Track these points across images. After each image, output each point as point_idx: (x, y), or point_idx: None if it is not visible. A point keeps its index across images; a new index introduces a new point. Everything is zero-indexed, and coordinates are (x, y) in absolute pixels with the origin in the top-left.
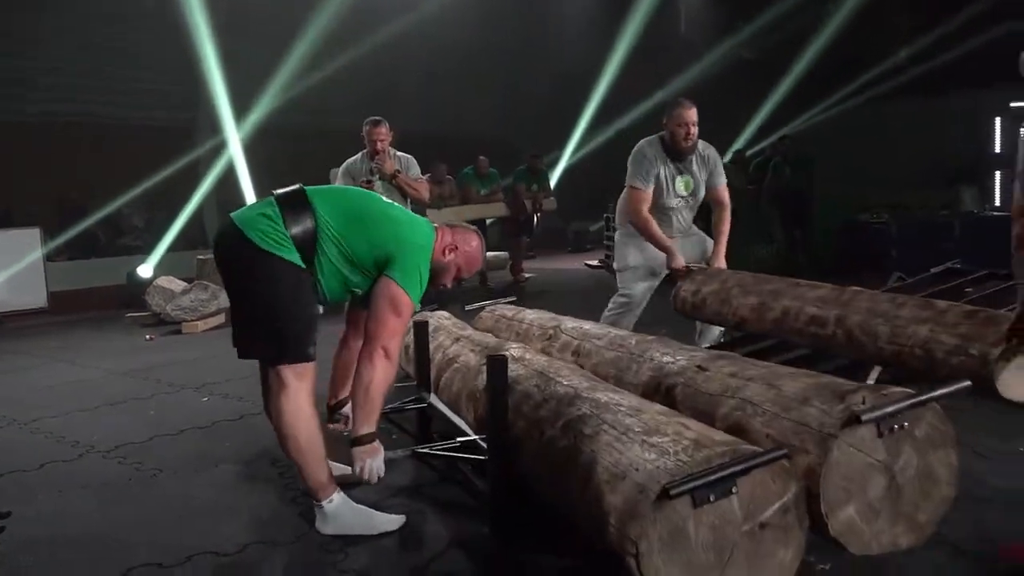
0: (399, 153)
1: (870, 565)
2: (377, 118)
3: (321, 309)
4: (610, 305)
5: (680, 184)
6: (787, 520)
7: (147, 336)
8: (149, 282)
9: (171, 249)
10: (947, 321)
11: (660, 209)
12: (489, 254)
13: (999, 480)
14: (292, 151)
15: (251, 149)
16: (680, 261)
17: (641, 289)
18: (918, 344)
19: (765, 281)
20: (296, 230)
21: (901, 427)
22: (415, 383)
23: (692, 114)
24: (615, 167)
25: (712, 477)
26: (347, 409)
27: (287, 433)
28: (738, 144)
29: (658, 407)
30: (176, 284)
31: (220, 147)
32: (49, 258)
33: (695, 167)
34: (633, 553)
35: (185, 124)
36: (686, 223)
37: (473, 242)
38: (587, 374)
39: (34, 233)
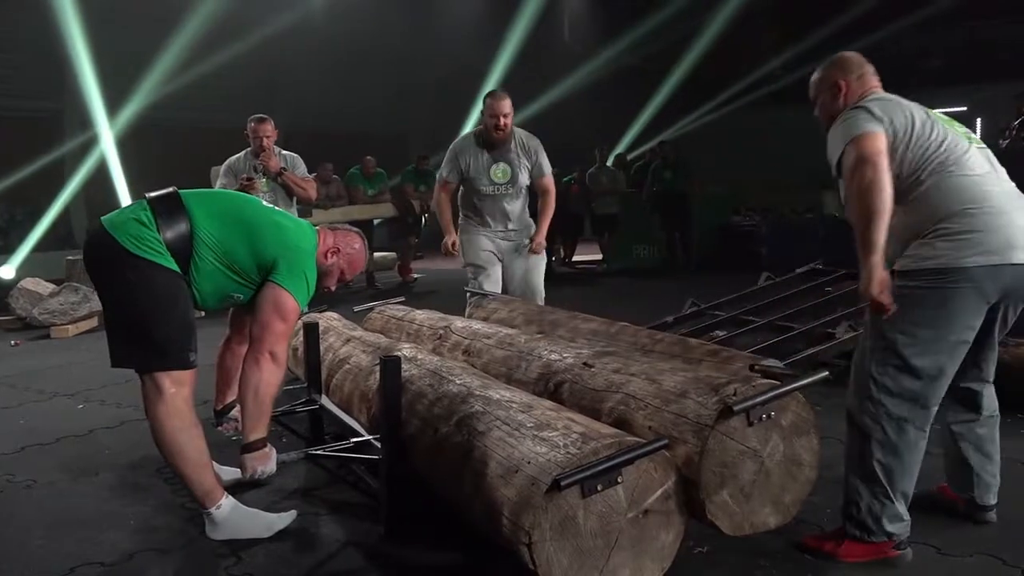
0: (284, 152)
1: (744, 545)
2: (262, 115)
3: (202, 314)
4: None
5: (496, 171)
6: (668, 506)
7: (12, 342)
8: (12, 284)
9: (36, 249)
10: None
11: (478, 196)
12: (377, 255)
13: None
14: (170, 148)
15: (125, 145)
16: (447, 241)
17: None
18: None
19: (549, 312)
20: (170, 235)
21: (768, 416)
22: (305, 385)
23: (503, 105)
24: None
25: (599, 468)
26: (236, 411)
27: (166, 441)
28: (619, 148)
29: (548, 403)
30: (43, 286)
31: (90, 142)
32: None
33: (513, 155)
34: (526, 542)
35: (51, 115)
36: (513, 210)
37: (356, 244)
38: (479, 373)
39: None
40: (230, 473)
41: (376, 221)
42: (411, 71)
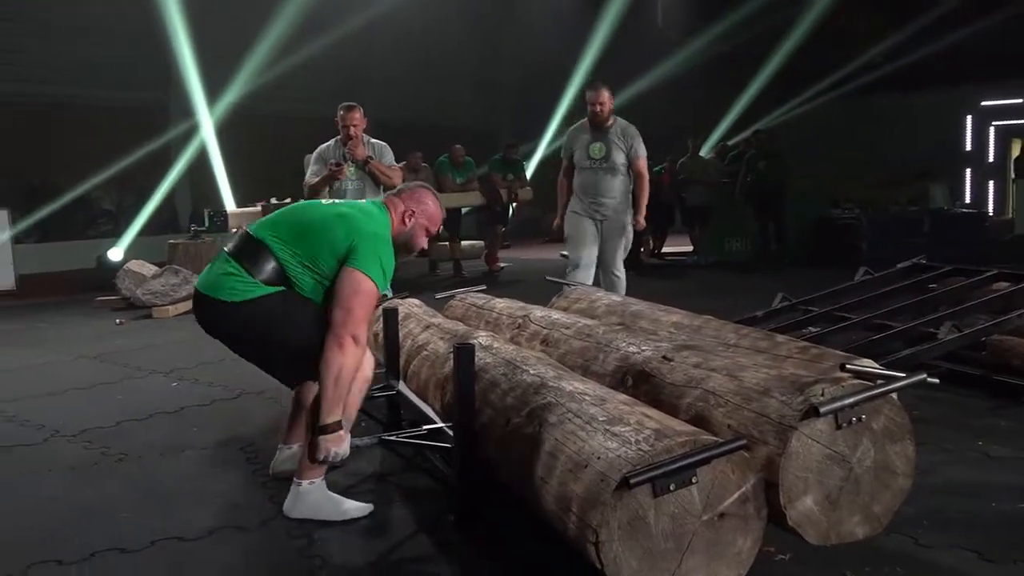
0: (373, 140)
1: (828, 555)
2: (351, 103)
3: None
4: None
5: (594, 148)
6: (746, 510)
7: (117, 320)
8: (119, 266)
9: (142, 233)
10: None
11: (579, 171)
12: (464, 243)
13: (954, 473)
14: (265, 137)
15: (224, 133)
16: (555, 223)
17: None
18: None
19: (632, 303)
20: (263, 276)
21: (859, 419)
22: (384, 370)
23: (599, 95)
24: None
25: (672, 466)
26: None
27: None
28: (714, 137)
29: (622, 397)
30: (147, 268)
31: (192, 130)
32: (17, 240)
33: (612, 137)
34: (593, 541)
35: (157, 105)
36: (608, 187)
37: (427, 199)
38: (555, 364)
39: (1, 215)
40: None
41: (464, 210)
42: (498, 62)
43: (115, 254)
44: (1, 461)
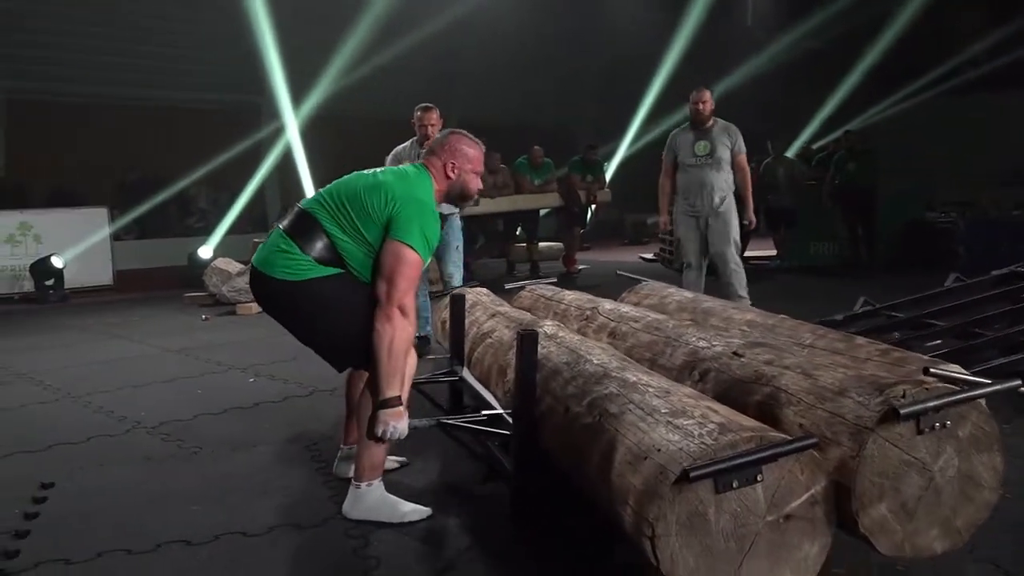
0: None
1: (891, 571)
2: (428, 104)
3: None
4: None
5: (698, 146)
6: (815, 513)
7: (203, 316)
8: (208, 263)
9: (232, 231)
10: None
11: (683, 170)
12: (542, 244)
13: None
14: (348, 138)
15: (308, 135)
16: (661, 222)
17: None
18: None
19: (704, 300)
20: (315, 253)
21: (943, 425)
22: (449, 356)
23: (701, 95)
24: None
25: (736, 462)
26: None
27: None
28: (803, 138)
29: (687, 390)
30: (233, 266)
31: (279, 131)
32: (116, 237)
33: (715, 135)
34: (649, 535)
35: (251, 108)
36: (713, 182)
37: (461, 144)
38: (620, 355)
39: (102, 212)
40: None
41: (542, 211)
42: (581, 63)
43: (205, 252)
44: (83, 451)
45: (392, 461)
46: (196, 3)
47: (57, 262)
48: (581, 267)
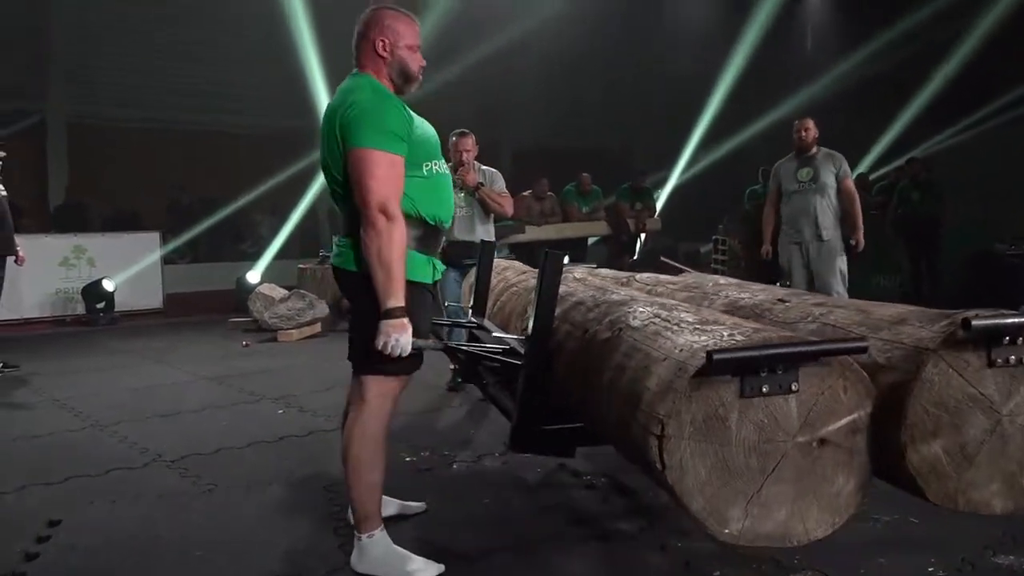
0: (484, 167)
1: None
2: (464, 130)
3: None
4: None
5: (801, 173)
6: (854, 442)
7: (243, 343)
8: (254, 288)
9: (280, 256)
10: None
11: (787, 196)
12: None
13: None
14: None
15: None
16: (764, 251)
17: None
18: None
19: (749, 283)
20: (345, 230)
21: (1019, 361)
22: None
23: (804, 123)
24: (729, 185)
25: (769, 352)
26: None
27: (351, 449)
28: (862, 167)
29: (720, 314)
30: (277, 292)
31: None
32: (169, 261)
33: (818, 162)
34: (657, 434)
35: (299, 132)
36: (817, 207)
37: (382, 17)
38: (652, 297)
39: (154, 237)
40: (392, 504)
41: (591, 240)
42: (631, 87)
43: (253, 276)
44: (98, 485)
45: (412, 506)
46: (247, 31)
47: (108, 285)
48: None
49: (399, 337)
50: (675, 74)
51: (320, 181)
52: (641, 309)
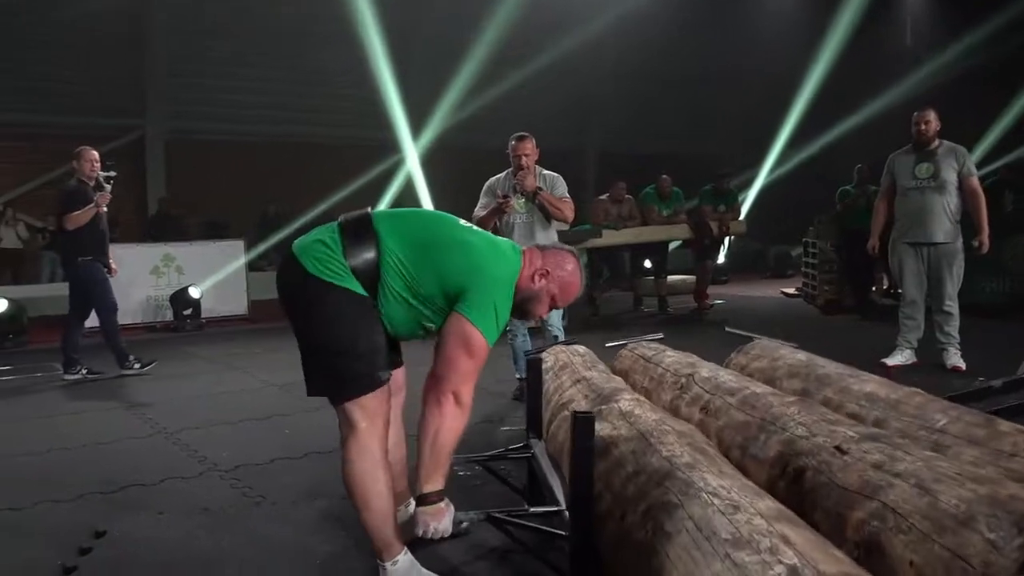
0: (545, 171)
1: None
2: (523, 133)
3: None
4: None
5: (920, 169)
6: None
7: None
8: None
9: None
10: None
11: (902, 193)
12: (674, 278)
13: None
14: (467, 169)
15: (426, 166)
16: (870, 246)
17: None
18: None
19: (819, 366)
20: (356, 261)
21: None
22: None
23: (925, 115)
24: (821, 186)
25: None
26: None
27: (351, 481)
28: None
29: (765, 505)
30: None
31: (399, 164)
32: (253, 268)
33: (939, 157)
34: None
35: (373, 142)
36: (935, 207)
37: (568, 265)
38: (696, 443)
39: (238, 244)
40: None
41: (672, 244)
42: (720, 84)
43: None
44: (151, 495)
45: (462, 516)
46: (327, 48)
47: (194, 292)
48: (712, 303)
49: (437, 525)
50: (760, 70)
51: (398, 184)
52: (675, 500)
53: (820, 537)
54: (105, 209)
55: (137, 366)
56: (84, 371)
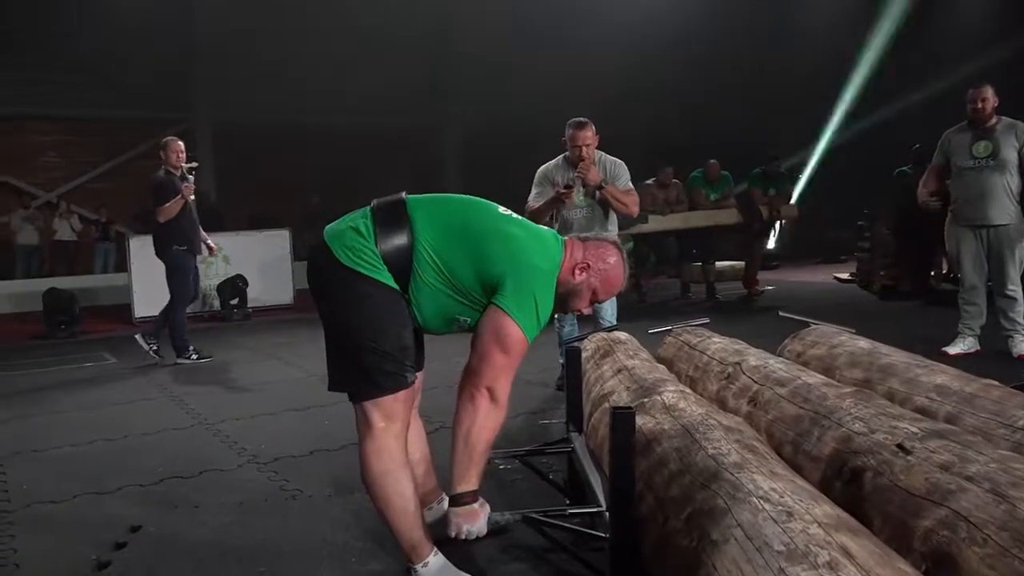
0: (605, 156)
1: None
2: (581, 119)
3: None
4: None
5: (978, 147)
6: None
7: None
8: None
9: None
10: None
11: (958, 173)
12: (723, 264)
13: None
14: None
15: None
16: (922, 200)
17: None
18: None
19: (884, 354)
20: (387, 247)
21: None
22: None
23: (982, 91)
24: (875, 168)
25: None
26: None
27: (372, 483)
28: None
29: (822, 511)
30: None
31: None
32: (299, 257)
33: (998, 134)
34: None
35: (428, 129)
36: (994, 187)
37: (610, 258)
38: (745, 439)
39: (284, 234)
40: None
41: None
42: (765, 63)
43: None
44: (189, 487)
45: (497, 517)
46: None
47: (240, 282)
48: (763, 288)
49: (470, 527)
50: (812, 50)
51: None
52: (722, 504)
53: (884, 548)
54: (193, 198)
55: (195, 356)
56: (195, 355)
